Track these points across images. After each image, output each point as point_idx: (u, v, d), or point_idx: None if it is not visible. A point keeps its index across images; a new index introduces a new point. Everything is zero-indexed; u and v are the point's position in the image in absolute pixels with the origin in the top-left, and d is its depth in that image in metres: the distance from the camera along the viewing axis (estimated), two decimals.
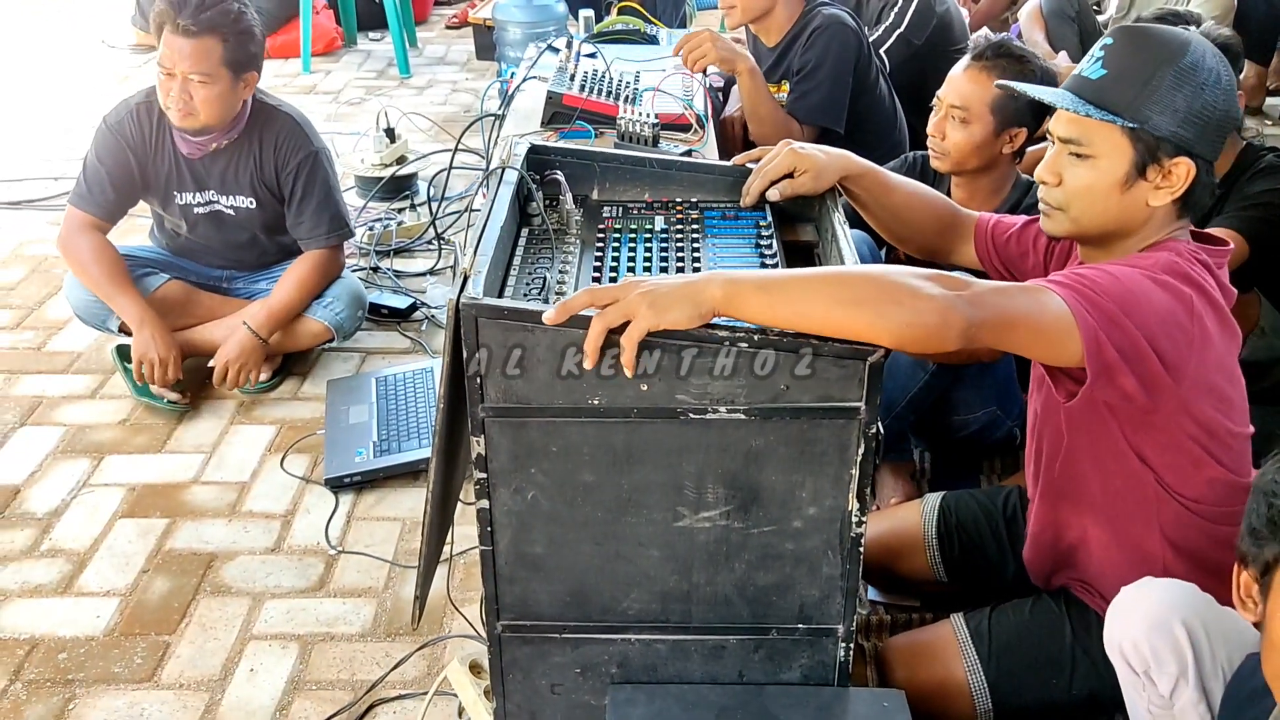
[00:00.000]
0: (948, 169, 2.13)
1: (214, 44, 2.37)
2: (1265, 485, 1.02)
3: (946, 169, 2.14)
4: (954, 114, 2.06)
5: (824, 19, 2.73)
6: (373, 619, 1.98)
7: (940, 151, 2.12)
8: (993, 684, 1.57)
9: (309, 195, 2.60)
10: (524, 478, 1.26)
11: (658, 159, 1.67)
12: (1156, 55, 1.34)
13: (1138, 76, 1.34)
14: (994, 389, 2.00)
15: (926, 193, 1.67)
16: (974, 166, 2.10)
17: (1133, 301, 1.27)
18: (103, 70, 5.10)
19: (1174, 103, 1.33)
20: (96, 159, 2.56)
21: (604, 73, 2.75)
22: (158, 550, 2.15)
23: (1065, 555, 1.59)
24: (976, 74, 2.04)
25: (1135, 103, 1.33)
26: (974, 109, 2.05)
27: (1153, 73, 1.33)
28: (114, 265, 2.55)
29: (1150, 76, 1.33)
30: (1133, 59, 1.35)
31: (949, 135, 2.09)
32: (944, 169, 2.14)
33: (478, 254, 1.27)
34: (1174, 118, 1.33)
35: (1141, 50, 1.35)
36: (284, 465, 2.39)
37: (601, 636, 1.36)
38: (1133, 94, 1.34)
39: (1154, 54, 1.34)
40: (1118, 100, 1.34)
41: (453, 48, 5.61)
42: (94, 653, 1.91)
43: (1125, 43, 1.37)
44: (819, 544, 1.28)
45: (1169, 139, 1.34)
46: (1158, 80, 1.33)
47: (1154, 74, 1.33)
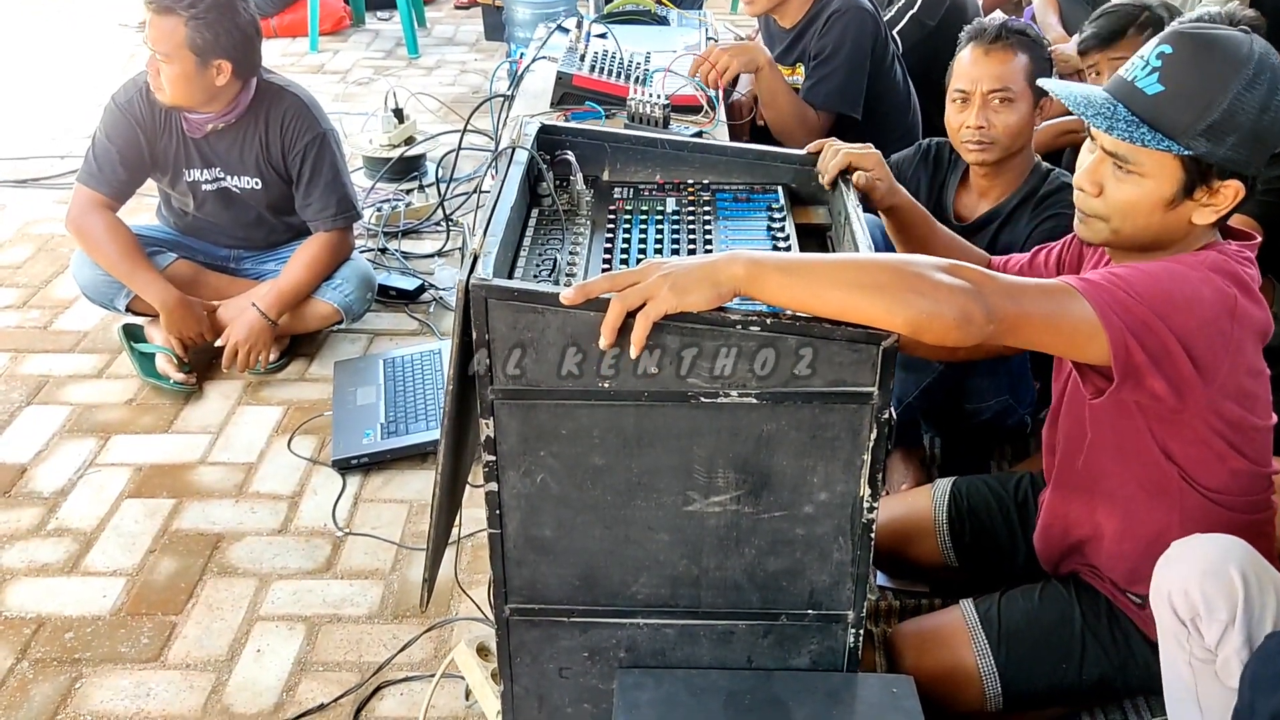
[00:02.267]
0: (997, 157, 2.05)
1: (175, 24, 2.36)
2: None
3: (996, 157, 2.05)
4: (994, 98, 1.99)
5: (842, 2, 2.69)
6: (380, 601, 1.98)
7: (988, 140, 2.02)
8: (1002, 669, 1.56)
9: (316, 177, 2.59)
10: (533, 460, 1.25)
11: (669, 140, 1.66)
12: (1221, 73, 1.25)
13: (1199, 98, 1.25)
14: (1007, 378, 1.98)
15: (960, 245, 1.73)
16: (1020, 146, 2.06)
17: (1170, 304, 1.24)
18: (113, 49, 5.08)
19: (1233, 126, 1.26)
20: (106, 138, 2.55)
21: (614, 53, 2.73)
22: (164, 530, 2.15)
23: (1075, 546, 1.58)
24: (1002, 53, 1.99)
25: (1193, 127, 1.26)
26: (1016, 86, 1.99)
27: (1215, 94, 1.25)
28: (129, 244, 2.55)
29: (1212, 100, 1.25)
30: (1194, 76, 1.26)
31: (995, 122, 2.00)
32: (993, 158, 2.05)
33: (487, 235, 1.26)
34: (1231, 142, 1.26)
35: (1204, 66, 1.26)
36: (291, 446, 2.39)
37: (610, 620, 1.36)
38: (1191, 118, 1.26)
39: (1218, 71, 1.25)
40: (1174, 123, 1.26)
41: (462, 28, 5.58)
42: (100, 632, 1.91)
43: (1187, 55, 1.27)
44: (830, 529, 1.27)
45: (1222, 164, 1.28)
46: (1219, 103, 1.25)
47: (1216, 96, 1.25)
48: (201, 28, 2.37)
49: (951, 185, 2.20)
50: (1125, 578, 1.52)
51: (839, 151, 1.54)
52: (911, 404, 2.06)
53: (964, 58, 2.05)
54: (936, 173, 2.24)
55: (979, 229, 2.13)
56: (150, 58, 2.42)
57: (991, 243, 2.10)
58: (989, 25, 2.05)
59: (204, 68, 2.41)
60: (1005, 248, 2.06)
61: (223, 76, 2.44)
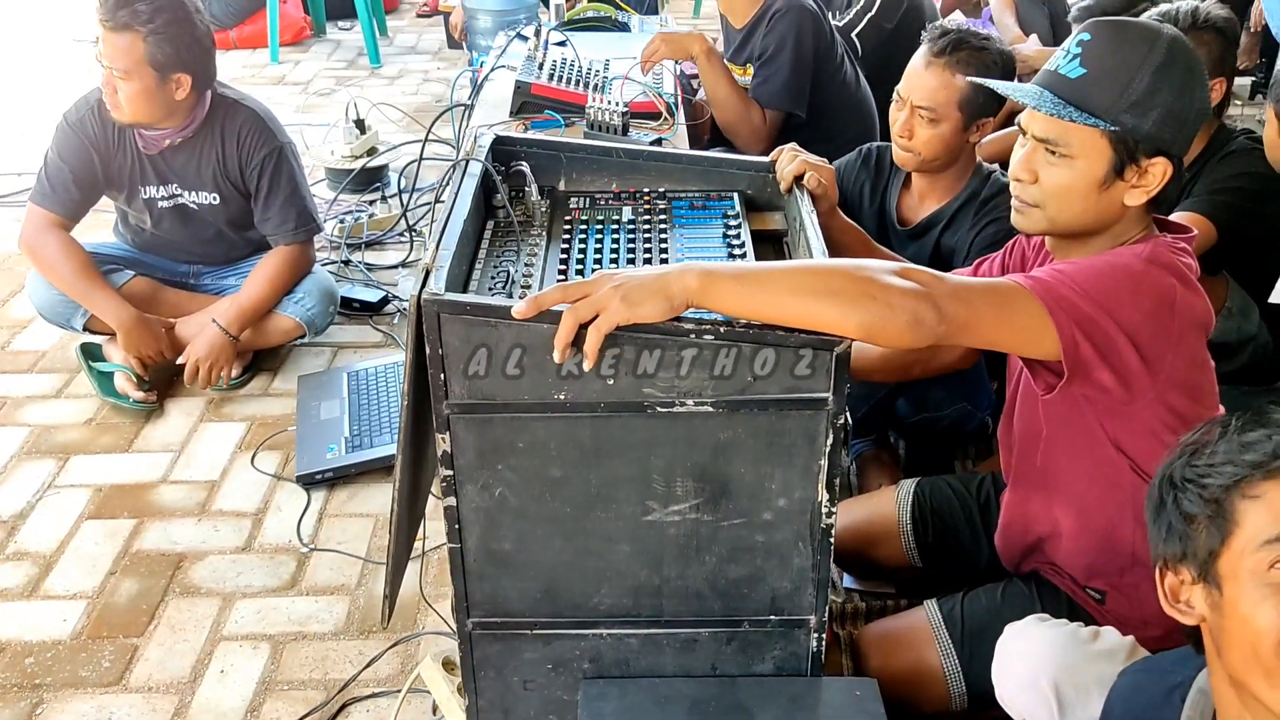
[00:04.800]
0: (915, 167, 2.09)
1: (134, 40, 2.33)
2: (1186, 474, 0.98)
3: (914, 167, 2.09)
4: (921, 114, 2.00)
5: (784, 2, 2.71)
6: (345, 617, 1.96)
7: (910, 150, 2.05)
8: (966, 668, 1.57)
9: (275, 191, 2.57)
10: (491, 474, 1.24)
11: (625, 149, 1.66)
12: (1136, 53, 1.31)
13: (1118, 77, 1.32)
14: (963, 385, 2.00)
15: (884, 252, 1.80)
16: (942, 163, 2.08)
17: (1114, 298, 1.27)
18: (67, 64, 5.02)
19: (1154, 103, 1.31)
20: (58, 157, 2.52)
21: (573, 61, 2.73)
22: (125, 551, 2.12)
23: (1035, 544, 1.60)
24: (940, 71, 1.99)
25: (1117, 104, 1.32)
26: (941, 108, 1.98)
27: (1134, 73, 1.31)
28: (84, 263, 2.52)
29: (1131, 77, 1.31)
30: (1112, 57, 1.33)
31: (917, 134, 2.02)
32: (911, 168, 2.09)
33: (440, 248, 1.26)
34: (1154, 119, 1.32)
35: (1120, 47, 1.33)
36: (254, 463, 2.36)
37: (573, 632, 1.35)
38: (1114, 95, 1.32)
39: (1133, 51, 1.32)
40: (1098, 102, 1.32)
41: (424, 37, 5.56)
42: (61, 656, 1.88)
43: (1103, 39, 1.34)
44: (789, 535, 1.28)
45: (1148, 140, 1.33)
46: (1138, 81, 1.31)
47: (1135, 74, 1.31)
48: (162, 42, 2.35)
49: (894, 189, 2.21)
50: (1084, 573, 1.53)
51: (796, 157, 1.55)
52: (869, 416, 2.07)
53: (915, 60, 2.06)
54: (878, 177, 2.25)
55: (922, 232, 2.14)
56: (106, 75, 2.38)
57: (935, 246, 2.11)
58: (947, 33, 2.03)
59: (164, 82, 2.38)
60: (949, 250, 2.08)
61: (182, 90, 2.41)
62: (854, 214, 2.23)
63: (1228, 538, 0.94)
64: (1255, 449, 0.94)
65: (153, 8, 2.34)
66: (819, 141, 2.09)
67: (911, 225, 2.16)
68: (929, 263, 2.06)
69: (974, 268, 1.67)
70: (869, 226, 2.22)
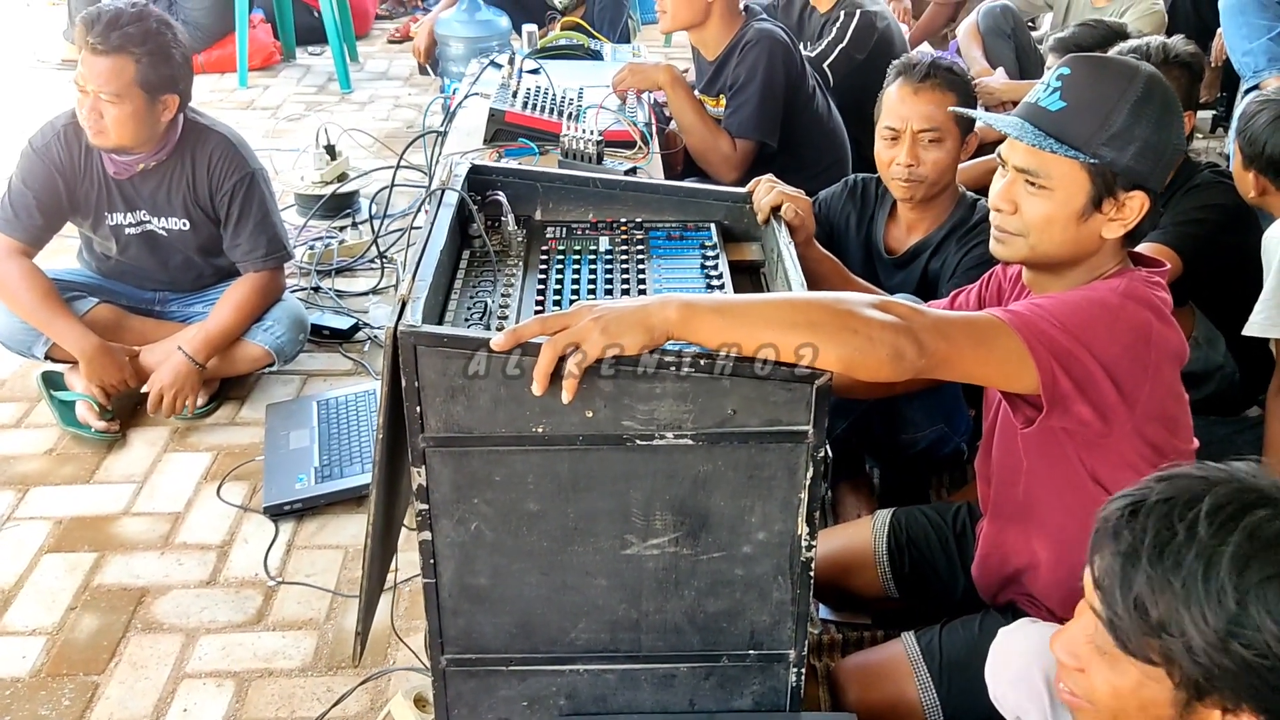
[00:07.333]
0: (925, 193, 2.09)
1: (125, 63, 2.31)
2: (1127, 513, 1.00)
3: (925, 194, 2.09)
4: (925, 136, 2.03)
5: (755, 34, 2.73)
6: (313, 652, 1.92)
7: (918, 178, 2.05)
8: (944, 701, 1.56)
9: (245, 218, 2.54)
10: (467, 508, 1.22)
11: (602, 178, 1.65)
12: (1115, 88, 1.34)
13: (1098, 111, 1.34)
14: (941, 407, 2.01)
15: (862, 285, 1.78)
16: (944, 184, 2.10)
17: (1091, 332, 1.28)
18: (31, 87, 4.95)
19: (1132, 137, 1.33)
20: (22, 183, 2.48)
21: (547, 89, 2.73)
22: (86, 586, 2.07)
23: (1013, 576, 1.60)
24: (931, 94, 2.03)
25: (1096, 137, 1.34)
26: (943, 126, 2.03)
27: (1112, 107, 1.33)
28: (47, 291, 2.48)
29: (1110, 111, 1.33)
30: (1092, 91, 1.35)
31: (925, 159, 2.04)
32: (921, 195, 2.09)
33: (416, 279, 1.24)
34: (1132, 152, 1.34)
35: (1100, 82, 1.35)
36: (220, 494, 2.32)
37: (549, 668, 1.33)
38: (1093, 128, 1.34)
39: (1113, 87, 1.34)
40: (1077, 134, 1.34)
41: (395, 62, 5.54)
42: (20, 695, 1.82)
43: (1084, 73, 1.37)
44: (769, 569, 1.27)
45: (1126, 173, 1.35)
46: (1117, 115, 1.33)
47: (1113, 109, 1.33)
48: (155, 64, 2.33)
49: (880, 219, 2.23)
50: (1061, 605, 1.53)
51: (773, 189, 1.56)
52: (846, 436, 2.07)
53: (893, 94, 2.08)
54: (864, 208, 2.27)
55: (909, 261, 2.16)
56: (91, 100, 2.34)
57: (922, 273, 2.13)
58: (918, 62, 2.08)
59: (153, 104, 2.37)
60: (934, 277, 2.10)
61: (169, 111, 2.40)
62: (840, 244, 2.25)
63: None
64: None
65: (142, 30, 2.32)
66: (792, 171, 2.11)
67: (898, 254, 2.18)
68: (916, 290, 2.08)
69: (950, 299, 1.68)
70: (855, 257, 2.24)
